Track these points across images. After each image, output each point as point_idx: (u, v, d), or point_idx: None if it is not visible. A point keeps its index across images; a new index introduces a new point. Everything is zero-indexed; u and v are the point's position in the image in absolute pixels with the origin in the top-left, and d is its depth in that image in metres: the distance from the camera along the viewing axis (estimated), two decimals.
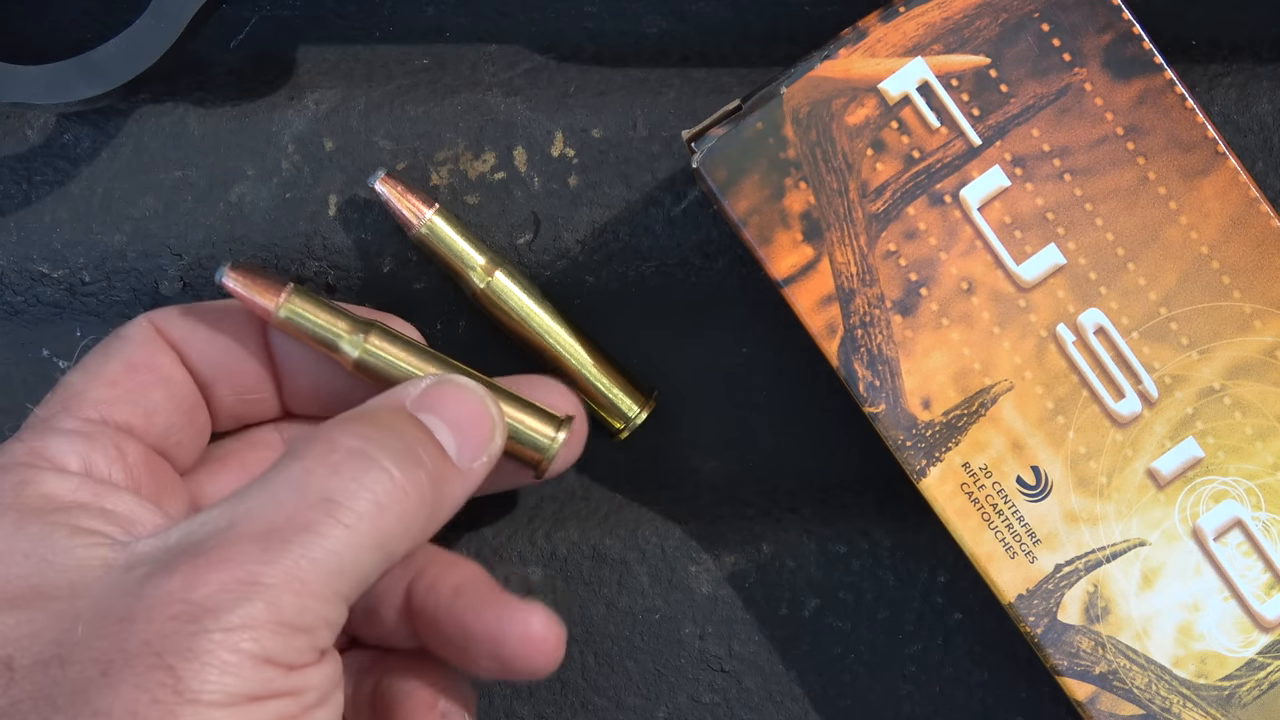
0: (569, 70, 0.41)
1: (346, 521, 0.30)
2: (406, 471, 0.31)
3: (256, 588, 0.29)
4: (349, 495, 0.30)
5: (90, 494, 0.32)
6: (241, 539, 0.29)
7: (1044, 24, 0.35)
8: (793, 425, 0.41)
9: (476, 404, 0.34)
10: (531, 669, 0.34)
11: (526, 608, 0.34)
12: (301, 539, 0.29)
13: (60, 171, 0.41)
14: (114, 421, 0.34)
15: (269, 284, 0.35)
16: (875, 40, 0.35)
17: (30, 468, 0.32)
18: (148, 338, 0.36)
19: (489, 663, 0.34)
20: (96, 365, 0.35)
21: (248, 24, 0.41)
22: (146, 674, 0.28)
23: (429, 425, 0.33)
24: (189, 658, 0.28)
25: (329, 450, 0.31)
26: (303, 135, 0.40)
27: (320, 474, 0.30)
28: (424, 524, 0.32)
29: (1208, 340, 0.35)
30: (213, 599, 0.28)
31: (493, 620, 0.34)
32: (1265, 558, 0.35)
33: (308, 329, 0.35)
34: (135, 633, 0.28)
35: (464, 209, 0.40)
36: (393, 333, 0.36)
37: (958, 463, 0.35)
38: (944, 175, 0.35)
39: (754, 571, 0.40)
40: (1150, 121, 0.35)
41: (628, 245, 0.40)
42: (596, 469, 0.41)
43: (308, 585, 0.29)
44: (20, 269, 0.41)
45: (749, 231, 0.35)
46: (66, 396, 0.34)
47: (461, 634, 0.34)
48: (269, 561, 0.29)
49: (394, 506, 0.31)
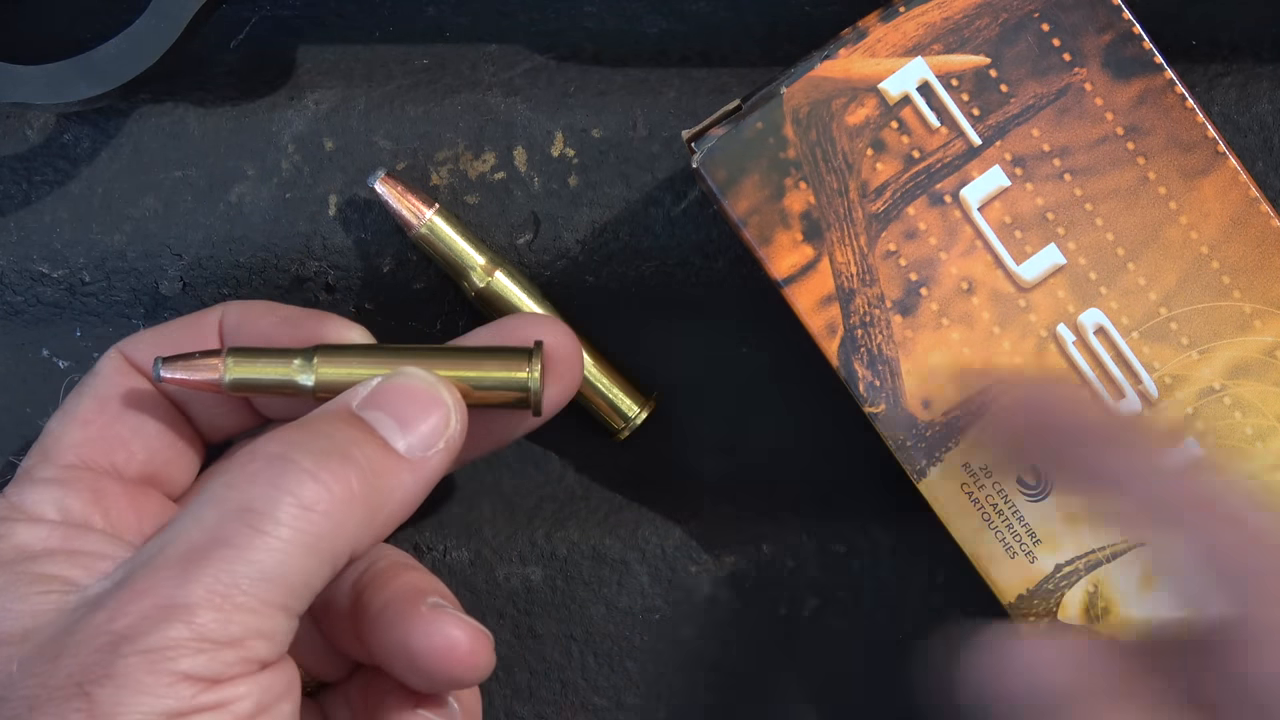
0: (569, 70, 0.41)
1: (266, 529, 0.30)
2: (330, 469, 0.31)
3: (174, 609, 0.29)
4: (268, 501, 0.30)
5: (60, 540, 0.33)
6: (165, 564, 0.30)
7: (1044, 24, 0.35)
8: (792, 425, 0.41)
9: (423, 393, 0.33)
10: (453, 680, 0.34)
11: (438, 620, 0.34)
12: (221, 554, 0.30)
13: (60, 171, 0.41)
14: (92, 463, 0.35)
15: (204, 360, 0.35)
16: (875, 40, 0.35)
17: (7, 521, 0.33)
18: (117, 368, 0.36)
19: (415, 677, 0.34)
20: (72, 406, 0.36)
21: (248, 24, 0.41)
22: (64, 704, 0.28)
23: (373, 422, 0.32)
24: (104, 683, 0.28)
25: (249, 460, 0.31)
26: (303, 135, 0.40)
27: (239, 485, 0.31)
28: (362, 520, 0.31)
29: (1208, 340, 0.35)
30: (132, 627, 0.29)
31: (403, 636, 0.34)
32: None
33: (259, 384, 0.35)
34: (60, 668, 0.29)
35: (464, 209, 0.40)
36: (340, 347, 0.35)
37: (958, 463, 0.35)
38: (944, 175, 0.35)
39: (754, 571, 0.40)
40: (1150, 121, 0.35)
41: (628, 245, 0.40)
42: (596, 469, 0.41)
43: (229, 599, 0.29)
44: (20, 269, 0.41)
45: (749, 231, 0.35)
46: (46, 445, 0.35)
47: (384, 650, 0.34)
48: (187, 582, 0.29)
49: (318, 506, 0.30)
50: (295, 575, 0.30)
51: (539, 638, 0.40)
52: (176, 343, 0.36)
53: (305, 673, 0.36)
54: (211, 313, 0.37)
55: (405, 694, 0.35)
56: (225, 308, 0.37)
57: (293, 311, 0.36)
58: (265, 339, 0.36)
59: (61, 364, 0.41)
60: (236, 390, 0.35)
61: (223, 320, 0.36)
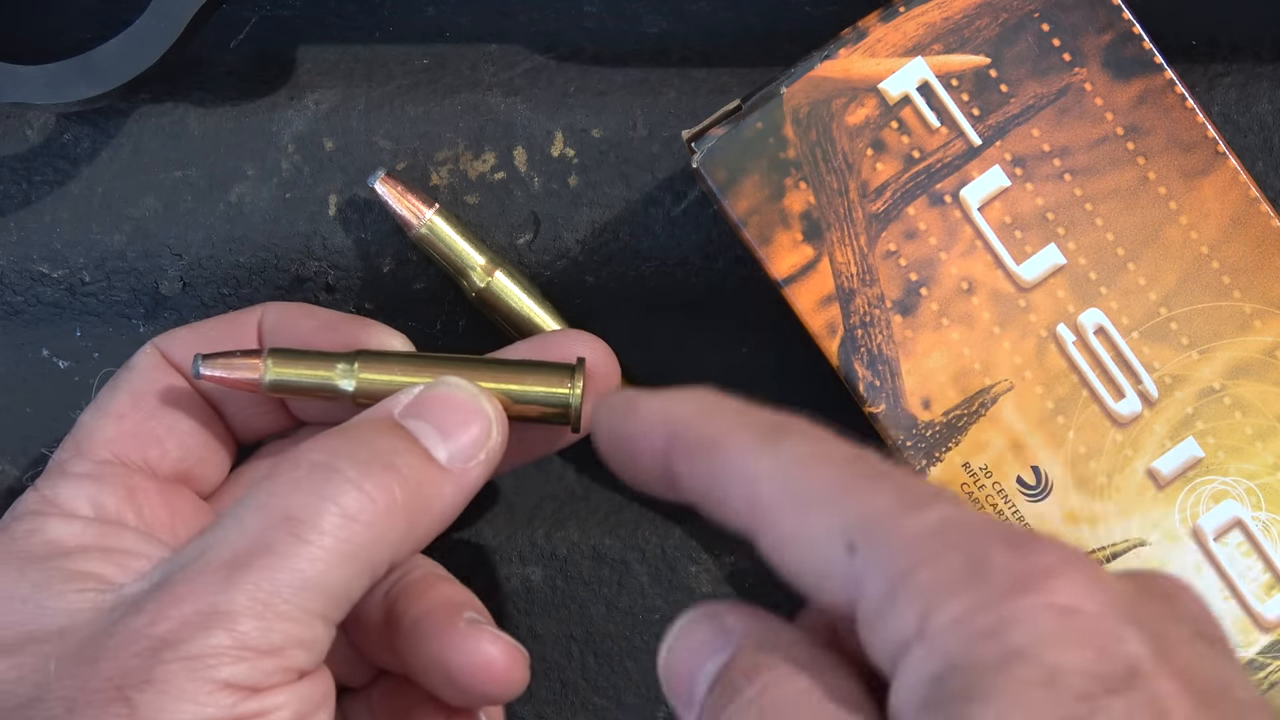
0: (569, 70, 0.41)
1: (309, 538, 0.30)
2: (374, 479, 0.31)
3: (216, 616, 0.29)
4: (311, 510, 0.30)
5: (95, 536, 0.33)
6: (206, 570, 0.30)
7: (1044, 24, 0.35)
8: None
9: (466, 404, 0.33)
10: (488, 697, 0.34)
11: (476, 636, 0.34)
12: (263, 561, 0.29)
13: (60, 171, 0.41)
14: (126, 459, 0.35)
15: (244, 359, 0.35)
16: (875, 40, 0.35)
17: (40, 515, 0.33)
18: (153, 364, 0.36)
19: (449, 691, 0.34)
20: (105, 401, 0.35)
21: (248, 24, 0.41)
22: (105, 708, 0.28)
23: (415, 431, 0.32)
24: (146, 689, 0.28)
25: (293, 468, 0.31)
26: (303, 135, 0.40)
27: (283, 492, 0.30)
28: (403, 531, 0.31)
29: (1208, 340, 0.35)
30: (174, 632, 0.29)
31: (439, 651, 0.33)
32: (1265, 558, 0.35)
33: (299, 386, 0.35)
34: (99, 671, 0.29)
35: (464, 209, 0.40)
36: (381, 354, 0.35)
37: (958, 462, 0.35)
38: (944, 175, 0.35)
39: (754, 571, 0.40)
40: (1150, 121, 0.35)
41: (628, 245, 0.40)
42: (596, 469, 0.41)
43: (271, 607, 0.29)
44: (20, 269, 0.41)
45: (749, 231, 0.35)
46: (79, 438, 0.35)
47: (419, 664, 0.34)
48: (230, 589, 0.29)
49: (361, 516, 0.30)
50: (336, 585, 0.30)
51: (539, 638, 0.40)
52: (214, 341, 0.36)
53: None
54: (250, 313, 0.36)
55: (435, 706, 0.35)
56: (265, 309, 0.37)
57: (332, 316, 0.36)
58: (304, 342, 0.35)
59: (61, 364, 0.41)
60: (275, 391, 0.35)
61: (261, 321, 0.36)
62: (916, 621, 0.24)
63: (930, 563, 0.24)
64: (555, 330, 0.38)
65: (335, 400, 0.35)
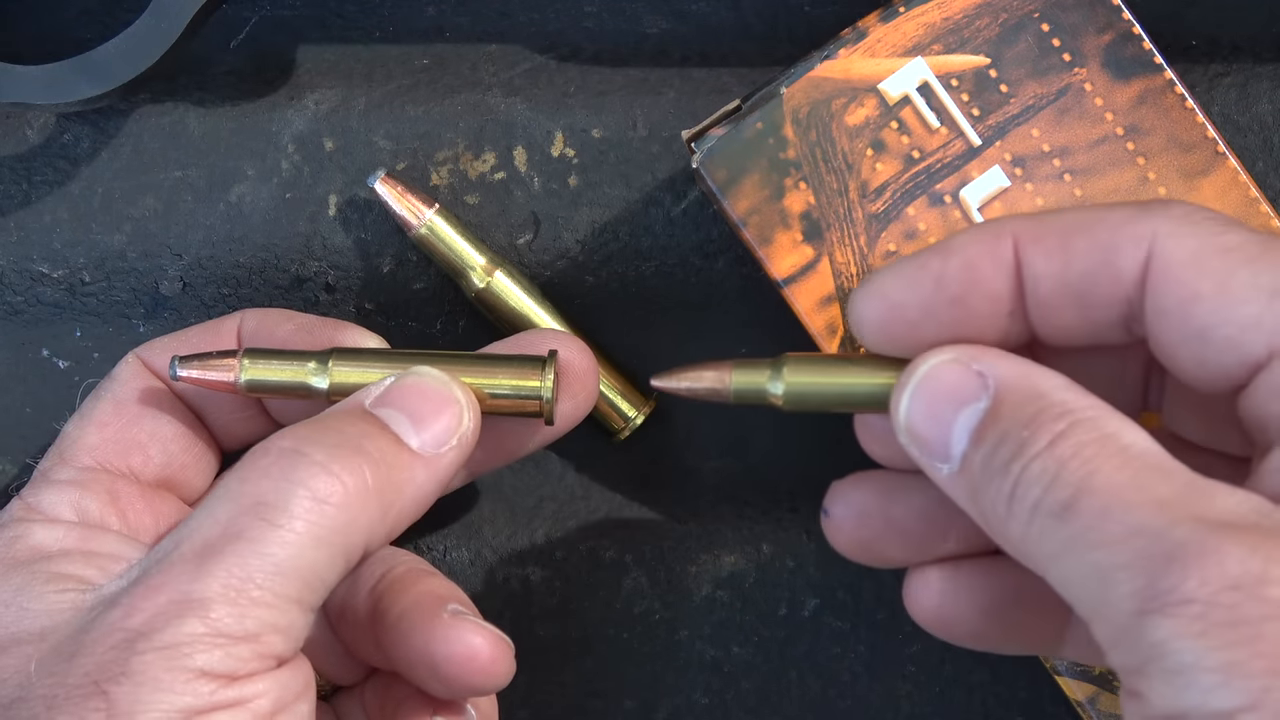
0: (569, 70, 0.41)
1: (280, 522, 0.30)
2: (342, 461, 0.31)
3: (189, 604, 0.29)
4: (281, 495, 0.30)
5: (77, 540, 0.33)
6: (179, 560, 0.30)
7: (1044, 24, 0.35)
8: (792, 425, 0.41)
9: (437, 391, 0.33)
10: (474, 688, 0.34)
11: (459, 627, 0.34)
12: (235, 548, 0.29)
13: (60, 171, 0.41)
14: (109, 465, 0.35)
15: (220, 359, 0.35)
16: (875, 40, 0.35)
17: (23, 522, 0.34)
18: (134, 373, 0.36)
19: (435, 684, 0.34)
20: (88, 409, 0.36)
21: (248, 24, 0.41)
22: (83, 703, 0.28)
23: (386, 418, 0.32)
24: (122, 681, 0.28)
25: (262, 455, 0.31)
26: (303, 135, 0.40)
27: (252, 479, 0.31)
28: (376, 515, 0.31)
29: None
30: (148, 623, 0.29)
31: (423, 643, 0.34)
32: None
33: (274, 385, 0.35)
34: (77, 667, 0.29)
35: (464, 209, 0.40)
36: (355, 351, 0.35)
37: None
38: (944, 175, 0.35)
39: (753, 572, 0.40)
40: (1150, 121, 0.35)
41: (628, 245, 0.40)
42: (596, 469, 0.41)
43: (244, 593, 0.29)
44: (20, 269, 0.41)
45: (749, 231, 0.35)
46: (63, 447, 0.35)
47: (403, 657, 0.34)
48: (202, 576, 0.29)
49: (332, 499, 0.30)
50: (309, 568, 0.30)
51: (538, 639, 0.40)
52: (194, 348, 0.36)
53: (320, 676, 0.36)
54: (230, 319, 0.37)
55: (423, 700, 0.35)
56: (243, 315, 0.37)
57: (310, 320, 0.36)
58: (282, 345, 0.36)
59: (61, 364, 0.41)
60: (251, 391, 0.35)
61: (241, 326, 0.37)
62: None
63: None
64: (532, 330, 0.38)
65: (311, 399, 0.35)
